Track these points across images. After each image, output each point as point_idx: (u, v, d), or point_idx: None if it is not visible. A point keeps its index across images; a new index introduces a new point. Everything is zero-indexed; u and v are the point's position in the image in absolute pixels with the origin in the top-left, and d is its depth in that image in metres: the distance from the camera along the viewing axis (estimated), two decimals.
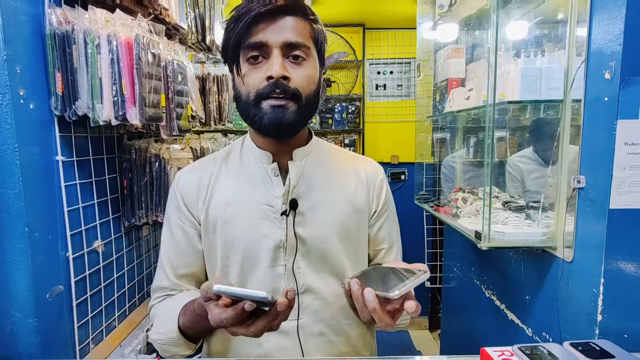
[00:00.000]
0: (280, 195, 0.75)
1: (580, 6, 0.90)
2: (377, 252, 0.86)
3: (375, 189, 0.83)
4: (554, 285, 1.00)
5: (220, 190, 0.78)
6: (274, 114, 0.67)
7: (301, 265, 0.76)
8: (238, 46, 0.68)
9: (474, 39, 1.78)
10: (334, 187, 0.79)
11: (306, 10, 0.70)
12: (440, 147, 2.24)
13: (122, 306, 1.23)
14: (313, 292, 0.76)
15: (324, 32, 0.74)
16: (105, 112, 0.89)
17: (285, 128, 0.69)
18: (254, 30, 0.67)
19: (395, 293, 0.52)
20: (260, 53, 0.68)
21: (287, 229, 0.74)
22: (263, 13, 0.66)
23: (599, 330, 0.84)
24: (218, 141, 1.64)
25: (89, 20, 0.87)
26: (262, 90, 0.67)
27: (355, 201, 0.79)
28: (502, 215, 1.13)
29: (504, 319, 1.26)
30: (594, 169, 0.86)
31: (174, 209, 0.80)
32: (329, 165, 0.81)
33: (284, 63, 0.67)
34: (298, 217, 0.74)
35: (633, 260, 0.83)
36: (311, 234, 0.75)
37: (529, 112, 1.27)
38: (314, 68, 0.71)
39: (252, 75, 0.68)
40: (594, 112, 0.86)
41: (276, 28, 0.67)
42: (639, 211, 0.81)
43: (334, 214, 0.77)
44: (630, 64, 0.78)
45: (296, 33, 0.68)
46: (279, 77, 0.66)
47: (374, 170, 0.85)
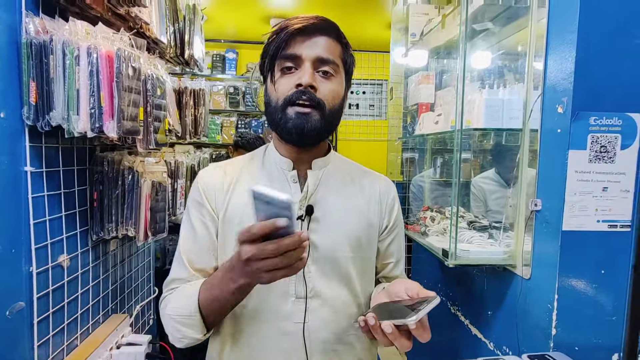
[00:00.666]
0: (298, 201, 0.78)
1: (538, 45, 0.99)
2: (385, 265, 0.90)
3: (387, 205, 0.87)
4: (513, 301, 1.07)
5: (241, 191, 0.81)
6: (298, 120, 0.73)
7: (311, 270, 0.78)
8: (275, 56, 0.75)
9: (442, 67, 1.89)
10: (349, 199, 0.83)
11: (339, 34, 0.77)
12: (409, 166, 2.33)
13: (85, 324, 1.18)
14: (321, 298, 0.78)
15: (353, 57, 0.81)
16: (81, 123, 0.88)
17: (308, 134, 0.74)
18: (291, 43, 0.74)
19: (412, 319, 0.57)
20: (294, 64, 0.74)
21: None
22: (301, 29, 0.73)
23: (553, 344, 0.91)
24: (192, 155, 1.63)
25: (69, 31, 0.86)
26: (290, 96, 0.73)
27: (367, 214, 0.83)
28: (468, 235, 1.20)
29: (468, 334, 1.31)
30: (549, 193, 0.94)
31: (195, 204, 0.82)
32: (345, 177, 0.85)
33: (313, 74, 0.73)
34: (312, 223, 0.78)
35: (583, 278, 0.90)
36: (324, 240, 0.78)
37: (492, 138, 1.36)
38: (339, 85, 0.78)
39: (283, 83, 0.74)
40: (548, 141, 0.95)
41: (310, 44, 0.74)
42: (587, 233, 0.89)
43: (347, 224, 0.80)
44: (580, 100, 0.88)
45: (327, 51, 0.74)
46: (307, 85, 0.72)
47: (387, 187, 0.89)
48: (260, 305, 0.78)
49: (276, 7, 3.03)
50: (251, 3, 2.96)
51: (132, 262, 1.51)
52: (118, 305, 1.39)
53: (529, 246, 1.01)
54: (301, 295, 0.77)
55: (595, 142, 0.87)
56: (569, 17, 0.87)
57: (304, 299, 0.77)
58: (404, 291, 0.68)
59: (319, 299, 0.78)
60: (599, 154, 0.87)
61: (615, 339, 0.92)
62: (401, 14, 1.90)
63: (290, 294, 0.77)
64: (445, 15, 1.48)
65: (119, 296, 1.40)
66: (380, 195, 0.86)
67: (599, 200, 0.88)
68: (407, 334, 0.61)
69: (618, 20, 0.86)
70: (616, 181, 0.88)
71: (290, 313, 0.77)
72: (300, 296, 0.77)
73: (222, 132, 3.77)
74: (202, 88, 1.63)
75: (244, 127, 3.78)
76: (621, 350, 0.92)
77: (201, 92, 1.63)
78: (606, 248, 0.90)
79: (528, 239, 1.01)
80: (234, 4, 2.99)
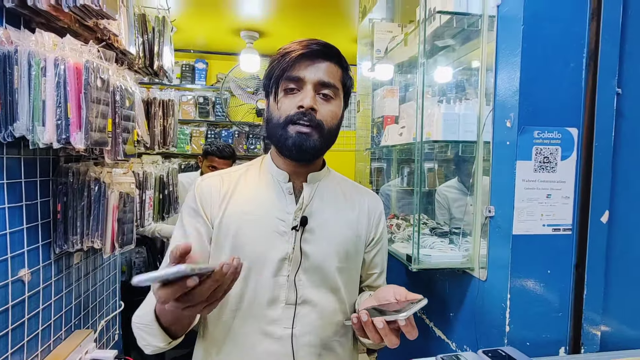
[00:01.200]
0: (293, 212, 0.82)
1: (489, 64, 1.08)
2: (369, 275, 0.96)
3: (375, 219, 0.93)
4: (472, 302, 1.14)
5: (237, 200, 0.84)
6: (298, 138, 0.78)
7: (302, 278, 0.82)
8: (280, 77, 0.79)
9: (406, 81, 1.99)
10: (340, 212, 0.88)
11: (340, 59, 0.83)
12: (377, 176, 2.41)
13: (46, 340, 1.14)
14: (310, 304, 0.82)
15: (352, 78, 0.87)
16: (47, 134, 0.87)
17: (306, 152, 0.79)
18: (295, 66, 0.79)
19: (403, 315, 0.62)
20: (297, 86, 0.79)
21: (294, 243, 0.81)
22: (305, 54, 0.78)
23: (507, 340, 0.97)
24: (161, 165, 1.62)
25: (35, 42, 0.86)
26: (292, 116, 0.78)
27: (357, 227, 0.89)
28: (430, 240, 1.26)
29: (432, 336, 1.38)
30: (501, 200, 1.02)
31: (190, 210, 0.84)
32: (337, 192, 0.90)
33: (314, 97, 0.79)
34: (306, 234, 0.82)
35: (531, 278, 0.98)
36: (315, 250, 0.82)
37: (451, 149, 1.45)
38: (338, 106, 0.83)
39: (286, 102, 0.80)
40: (499, 153, 1.03)
41: (313, 68, 0.79)
42: (534, 236, 0.98)
43: (338, 236, 0.85)
44: (525, 116, 0.96)
45: (329, 75, 0.80)
46: (308, 108, 0.77)
47: (375, 202, 0.95)
48: (250, 310, 0.81)
49: (246, 19, 3.07)
50: (221, 15, 2.98)
51: (97, 276, 1.47)
52: (82, 321, 1.35)
53: (484, 250, 1.08)
54: (291, 301, 0.81)
55: (539, 153, 0.96)
56: (514, 42, 0.97)
57: (294, 305, 0.81)
58: (392, 295, 0.73)
59: (308, 306, 0.82)
60: (542, 164, 0.96)
61: (561, 333, 1.00)
62: (367, 30, 1.99)
63: (281, 300, 0.81)
64: (407, 34, 1.57)
65: (82, 311, 1.36)
66: (368, 209, 0.92)
67: (544, 206, 0.97)
68: (396, 332, 0.67)
69: (555, 47, 0.96)
70: (558, 189, 0.97)
71: (280, 318, 0.80)
72: (290, 302, 0.81)
73: (192, 142, 3.73)
74: (171, 99, 1.63)
75: (214, 137, 3.76)
76: (567, 343, 1.00)
77: (170, 103, 1.63)
78: (551, 250, 0.98)
79: (484, 243, 1.09)
80: (204, 15, 3.00)
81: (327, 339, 0.84)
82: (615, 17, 0.97)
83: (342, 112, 0.86)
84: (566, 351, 1.00)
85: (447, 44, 1.40)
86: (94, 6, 0.90)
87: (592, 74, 0.97)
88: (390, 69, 1.90)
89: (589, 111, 0.98)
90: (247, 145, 3.74)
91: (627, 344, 1.02)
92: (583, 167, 0.99)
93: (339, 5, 2.75)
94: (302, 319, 0.82)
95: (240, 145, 3.73)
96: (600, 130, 0.98)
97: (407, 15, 1.87)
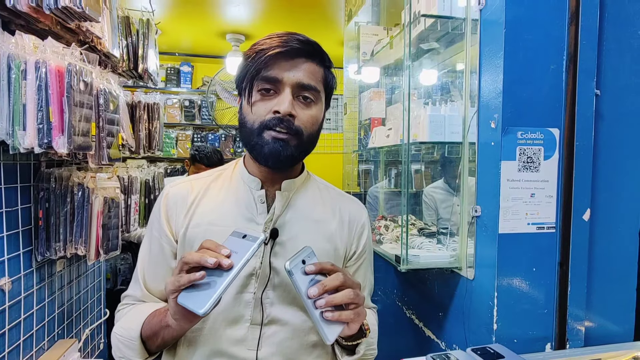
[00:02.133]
0: (263, 223, 0.76)
1: (473, 66, 1.10)
2: None
3: (357, 231, 0.84)
4: (460, 301, 1.15)
5: (204, 209, 0.77)
6: (274, 146, 0.71)
7: (270, 296, 0.75)
8: (254, 77, 0.72)
9: (392, 83, 2.01)
10: (316, 223, 0.80)
11: (323, 57, 0.75)
12: (365, 178, 2.42)
13: (28, 351, 1.11)
14: (278, 323, 0.76)
15: (335, 78, 0.80)
16: (28, 139, 0.85)
17: (283, 160, 0.72)
18: (271, 65, 0.71)
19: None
20: (273, 87, 0.72)
21: (262, 257, 0.74)
22: (283, 52, 0.70)
23: (495, 337, 0.99)
24: (146, 170, 1.59)
25: (15, 45, 0.84)
26: (268, 122, 0.71)
27: (335, 240, 0.81)
28: (418, 241, 1.28)
29: (422, 336, 1.39)
30: (487, 200, 1.04)
31: (156, 222, 0.79)
32: (316, 200, 0.82)
33: (292, 101, 0.71)
34: (276, 247, 0.75)
35: (517, 276, 1.00)
36: None
37: (438, 150, 1.47)
38: (319, 110, 0.76)
39: (260, 106, 0.72)
40: (484, 153, 1.05)
41: (292, 68, 0.71)
42: (520, 235, 0.99)
43: (313, 249, 0.76)
44: (509, 117, 0.98)
45: (309, 76, 0.72)
46: (285, 114, 0.70)
47: (358, 212, 0.86)
48: (212, 330, 0.75)
49: (232, 22, 3.05)
50: (207, 17, 2.96)
51: (80, 283, 1.44)
52: (65, 330, 1.32)
53: (471, 249, 1.10)
54: (257, 321, 0.75)
55: (522, 153, 0.98)
56: (497, 45, 0.99)
57: (260, 325, 0.74)
58: None
59: (276, 325, 0.75)
60: (526, 164, 0.98)
61: (547, 329, 1.02)
62: (353, 33, 2.00)
63: (246, 319, 0.74)
64: (392, 37, 1.58)
65: (66, 320, 1.32)
66: (350, 220, 0.84)
67: (528, 205, 0.99)
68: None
69: (536, 50, 0.98)
70: (541, 188, 1.00)
71: (244, 339, 0.74)
72: (256, 322, 0.75)
73: (177, 146, 3.69)
74: (156, 102, 1.61)
75: (201, 140, 3.72)
76: (553, 339, 1.02)
77: (155, 106, 1.61)
78: (536, 248, 1.00)
79: (471, 243, 1.10)
80: (189, 18, 2.98)
81: (296, 358, 0.76)
82: (593, 21, 1.00)
83: (324, 115, 0.79)
84: (552, 347, 1.02)
85: (432, 46, 1.42)
86: (76, 8, 0.88)
87: (572, 76, 1.00)
88: (376, 72, 1.92)
89: (569, 112, 1.00)
90: (234, 148, 3.72)
91: (611, 339, 1.05)
92: (565, 166, 1.01)
93: (325, 8, 2.77)
94: (268, 339, 0.75)
95: (227, 149, 3.70)
96: (581, 130, 1.00)
97: (393, 18, 1.89)
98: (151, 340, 0.72)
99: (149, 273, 0.79)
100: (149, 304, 0.78)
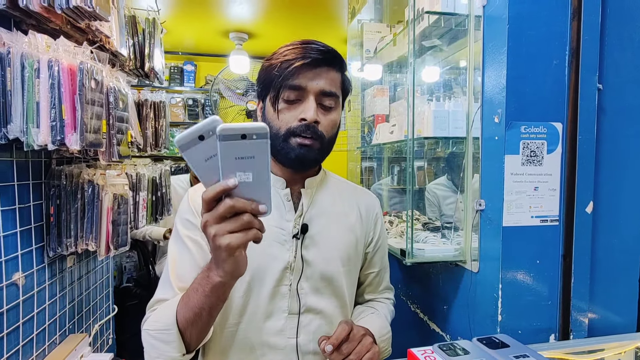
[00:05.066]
0: (292, 219, 0.81)
1: (476, 62, 1.12)
2: (367, 275, 0.96)
3: (372, 220, 0.93)
4: (465, 294, 1.17)
5: None
6: (301, 152, 0.76)
7: (304, 286, 0.81)
8: (281, 86, 0.76)
9: (396, 80, 2.02)
10: (339, 215, 0.87)
11: (341, 64, 0.81)
12: (368, 175, 2.44)
13: (41, 345, 1.13)
14: (313, 312, 0.81)
15: (350, 81, 0.86)
16: (42, 136, 0.87)
17: (308, 164, 0.79)
18: (297, 75, 0.76)
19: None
20: (297, 95, 0.77)
21: (295, 251, 0.80)
22: (307, 63, 0.75)
23: (500, 329, 1.00)
24: (153, 167, 1.61)
25: (29, 44, 0.86)
26: (295, 129, 0.76)
27: (355, 230, 0.88)
28: (422, 235, 1.29)
29: (427, 330, 1.40)
30: (490, 194, 1.05)
31: (185, 222, 0.80)
32: (334, 195, 0.89)
33: (317, 109, 0.77)
34: (306, 241, 0.81)
35: (522, 268, 1.01)
36: (317, 256, 0.81)
37: (442, 146, 1.48)
38: (338, 114, 0.82)
39: (287, 113, 0.77)
40: (488, 148, 1.06)
41: (315, 77, 0.76)
42: (523, 227, 1.01)
43: (338, 240, 0.84)
44: (512, 111, 1.00)
45: (330, 83, 0.78)
46: (312, 121, 0.75)
47: (372, 203, 0.95)
48: (252, 322, 0.79)
49: (235, 21, 3.07)
50: (210, 16, 2.98)
51: (90, 279, 1.46)
52: (76, 325, 1.34)
53: (476, 242, 1.11)
54: (294, 311, 0.80)
55: (526, 147, 1.00)
56: (500, 41, 1.00)
57: (297, 314, 0.80)
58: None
59: (311, 314, 0.81)
60: (529, 158, 1.00)
61: (551, 321, 1.03)
62: (356, 31, 2.01)
63: (283, 310, 0.79)
64: (396, 34, 1.60)
65: (76, 315, 1.35)
66: (366, 210, 0.93)
67: (532, 198, 1.00)
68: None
69: (539, 45, 0.99)
70: (545, 181, 1.01)
71: (283, 329, 0.79)
72: (293, 312, 0.80)
73: None
74: (162, 100, 1.63)
75: None
76: (556, 330, 1.04)
77: (161, 105, 1.63)
78: (540, 240, 1.02)
79: (475, 236, 1.12)
80: (192, 17, 3.00)
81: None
82: (595, 17, 1.01)
83: (341, 116, 0.86)
84: (556, 338, 1.03)
85: (434, 43, 1.43)
86: (87, 7, 0.90)
87: (575, 71, 1.01)
88: (379, 69, 1.93)
89: (572, 106, 1.02)
90: None
91: (613, 330, 1.06)
92: (568, 160, 1.02)
93: (328, 6, 2.78)
94: (305, 327, 0.80)
95: None
96: (584, 124, 1.01)
97: (396, 15, 1.90)
98: (186, 322, 0.66)
99: (184, 270, 0.76)
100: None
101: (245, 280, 0.78)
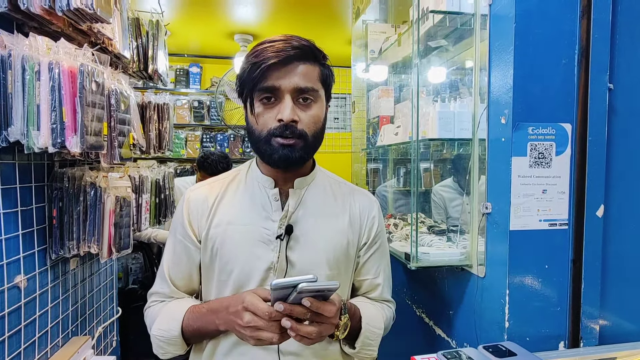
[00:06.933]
0: (278, 220, 0.81)
1: (482, 63, 1.09)
2: (361, 282, 0.91)
3: (367, 222, 0.89)
4: (471, 299, 1.14)
5: (223, 210, 0.83)
6: (283, 152, 0.75)
7: None
8: (253, 89, 0.75)
9: (401, 81, 2.00)
10: (329, 217, 0.85)
11: (316, 56, 0.78)
12: (373, 176, 2.41)
13: (43, 347, 1.13)
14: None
15: (332, 71, 0.82)
16: (42, 139, 0.86)
17: (293, 163, 0.77)
18: (267, 75, 0.74)
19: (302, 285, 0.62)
20: (273, 95, 0.75)
21: (279, 252, 0.80)
22: (276, 62, 0.72)
23: (507, 335, 0.98)
24: (157, 169, 1.61)
25: (29, 46, 0.86)
26: (274, 130, 0.75)
27: (347, 233, 0.85)
28: (428, 239, 1.27)
29: (432, 335, 1.38)
30: (497, 197, 1.03)
31: (179, 226, 0.85)
32: (327, 195, 0.87)
33: (294, 107, 0.74)
34: (291, 242, 0.80)
35: (529, 273, 0.99)
36: (301, 258, 0.81)
37: (447, 148, 1.45)
38: (320, 108, 0.79)
39: (264, 115, 0.76)
40: (495, 149, 1.04)
41: (287, 74, 0.74)
42: (531, 231, 0.98)
43: (326, 242, 0.83)
44: (519, 112, 0.97)
45: (305, 79, 0.75)
46: (288, 121, 0.74)
47: (369, 204, 0.90)
48: None
49: (240, 22, 3.07)
50: (215, 18, 2.98)
51: (93, 281, 1.46)
52: (79, 327, 1.34)
53: (482, 247, 1.08)
54: None
55: (534, 149, 0.97)
56: (506, 40, 0.98)
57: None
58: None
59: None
60: (537, 159, 0.97)
61: (560, 328, 1.00)
62: (360, 31, 2.00)
63: None
64: (400, 34, 1.58)
65: (79, 317, 1.34)
66: (360, 212, 0.88)
67: (540, 201, 0.98)
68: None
69: (547, 44, 0.97)
70: (553, 184, 0.98)
71: None
72: None
73: (187, 147, 3.73)
74: (166, 102, 1.63)
75: (209, 141, 3.75)
76: (566, 338, 1.01)
77: (165, 107, 1.63)
78: (548, 245, 0.99)
79: (481, 240, 1.09)
80: (197, 19, 3.00)
81: (315, 345, 0.79)
82: (605, 14, 0.98)
83: (326, 110, 0.83)
84: (565, 345, 1.00)
85: (440, 44, 1.41)
86: (87, 10, 0.90)
87: (584, 70, 0.98)
88: (384, 70, 1.91)
89: (582, 107, 0.99)
90: (242, 148, 3.74)
91: (626, 337, 1.03)
92: (578, 162, 0.99)
93: (332, 7, 2.76)
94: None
95: (236, 149, 3.73)
96: (594, 125, 0.99)
97: (400, 16, 1.88)
98: (192, 337, 0.81)
99: (174, 271, 0.86)
100: (177, 301, 0.85)
101: (232, 278, 0.81)
